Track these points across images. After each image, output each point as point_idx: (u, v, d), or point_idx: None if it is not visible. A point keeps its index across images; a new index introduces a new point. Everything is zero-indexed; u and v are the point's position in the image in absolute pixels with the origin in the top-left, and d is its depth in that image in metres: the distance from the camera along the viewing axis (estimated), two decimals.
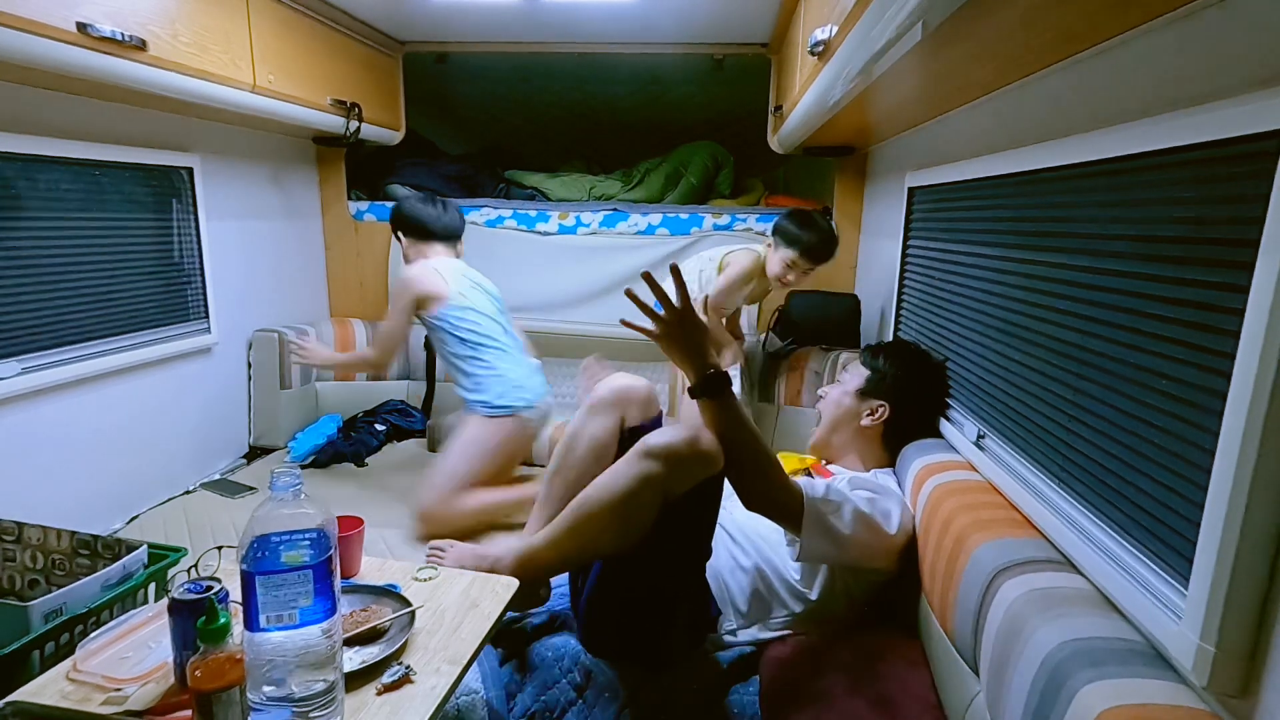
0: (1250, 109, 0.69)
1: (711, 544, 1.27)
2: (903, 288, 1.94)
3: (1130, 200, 0.92)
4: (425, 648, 1.04)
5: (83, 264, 1.80)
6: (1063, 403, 1.07)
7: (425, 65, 2.82)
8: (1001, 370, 1.30)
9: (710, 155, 3.02)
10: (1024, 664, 0.84)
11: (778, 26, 2.27)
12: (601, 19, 2.31)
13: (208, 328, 2.22)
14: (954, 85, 1.37)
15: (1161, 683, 0.74)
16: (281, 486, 0.84)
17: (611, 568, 1.24)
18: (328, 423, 2.51)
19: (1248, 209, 0.69)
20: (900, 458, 1.53)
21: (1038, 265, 1.16)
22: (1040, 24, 0.94)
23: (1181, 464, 0.79)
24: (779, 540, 1.37)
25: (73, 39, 1.34)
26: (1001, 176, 1.31)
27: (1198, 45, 0.81)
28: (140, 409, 1.99)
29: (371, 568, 1.28)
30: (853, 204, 2.61)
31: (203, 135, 2.16)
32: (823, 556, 1.28)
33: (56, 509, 1.73)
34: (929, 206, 1.75)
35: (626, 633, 1.26)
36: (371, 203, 2.86)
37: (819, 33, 1.31)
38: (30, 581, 1.33)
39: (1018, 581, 0.95)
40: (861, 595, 1.35)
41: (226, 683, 0.80)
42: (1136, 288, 0.89)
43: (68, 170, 1.74)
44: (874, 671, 1.21)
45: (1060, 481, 1.07)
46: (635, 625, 1.25)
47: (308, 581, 0.83)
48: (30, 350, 1.67)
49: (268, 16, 1.90)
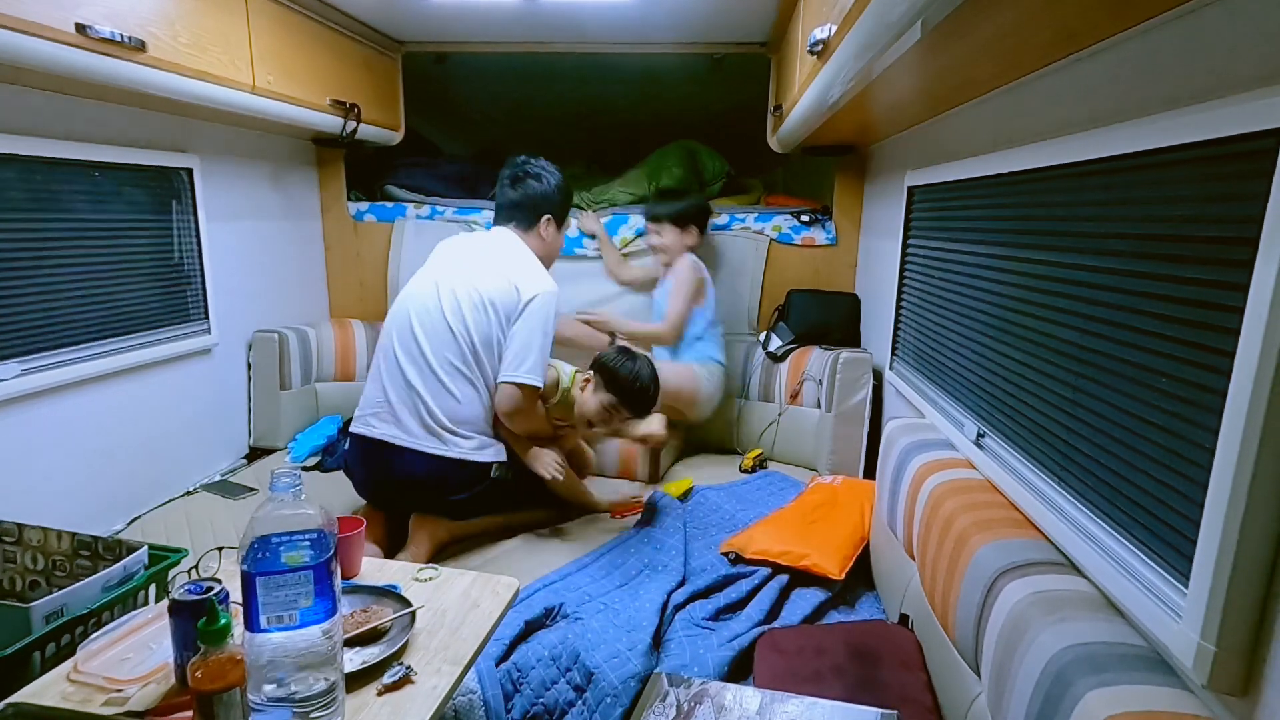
0: (1249, 108, 0.69)
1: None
2: (902, 287, 1.94)
3: (1129, 199, 0.92)
4: (426, 648, 1.04)
5: (83, 265, 1.80)
6: (1062, 401, 1.07)
7: (425, 65, 2.82)
8: (1001, 369, 1.30)
9: (683, 151, 2.99)
10: (1027, 668, 0.84)
11: (777, 26, 2.27)
12: (601, 19, 2.31)
13: (208, 329, 2.22)
14: (953, 84, 1.37)
15: (1164, 689, 0.74)
16: (282, 487, 0.84)
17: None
18: (328, 423, 2.51)
19: (1247, 207, 0.69)
20: (899, 455, 1.53)
21: (1037, 264, 1.16)
22: (1039, 23, 0.95)
23: (1181, 462, 0.79)
24: None
25: (72, 40, 1.34)
26: (1001, 175, 1.31)
27: (1196, 44, 0.81)
28: (140, 410, 1.99)
29: (372, 568, 1.28)
30: (852, 203, 2.61)
31: (202, 136, 2.16)
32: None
33: (57, 510, 1.73)
34: (929, 205, 1.75)
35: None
36: (371, 203, 2.86)
37: (818, 32, 1.31)
38: (31, 583, 1.33)
39: (1020, 584, 0.95)
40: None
41: (227, 683, 0.80)
42: (1136, 286, 0.89)
43: (68, 172, 1.74)
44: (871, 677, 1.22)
45: (1060, 480, 1.07)
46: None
47: (308, 582, 0.83)
48: (30, 351, 1.67)
49: (267, 17, 1.90)
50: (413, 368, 1.77)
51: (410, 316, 1.80)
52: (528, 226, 1.95)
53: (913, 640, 1.30)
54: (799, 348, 2.44)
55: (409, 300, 1.84)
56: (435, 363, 1.76)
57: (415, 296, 1.84)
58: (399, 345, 1.80)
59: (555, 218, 1.97)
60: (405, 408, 1.75)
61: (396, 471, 1.74)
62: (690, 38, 2.52)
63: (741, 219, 2.68)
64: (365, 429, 1.78)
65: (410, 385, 1.76)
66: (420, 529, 1.78)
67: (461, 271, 1.83)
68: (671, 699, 1.14)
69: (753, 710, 1.10)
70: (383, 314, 2.85)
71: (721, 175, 3.03)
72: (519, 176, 1.96)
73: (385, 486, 1.81)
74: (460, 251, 1.91)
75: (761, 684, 1.24)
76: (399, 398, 1.76)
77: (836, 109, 1.60)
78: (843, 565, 1.61)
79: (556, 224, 1.98)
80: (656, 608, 1.47)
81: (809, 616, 1.51)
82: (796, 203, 2.78)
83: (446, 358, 1.76)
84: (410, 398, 1.75)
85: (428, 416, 1.74)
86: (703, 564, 1.69)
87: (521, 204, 1.94)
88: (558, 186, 1.97)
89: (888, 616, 1.52)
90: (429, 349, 1.76)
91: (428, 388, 1.75)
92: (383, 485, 1.81)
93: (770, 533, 1.73)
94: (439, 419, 1.74)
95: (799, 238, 2.65)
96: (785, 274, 2.65)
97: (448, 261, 1.89)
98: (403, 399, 1.76)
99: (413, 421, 1.75)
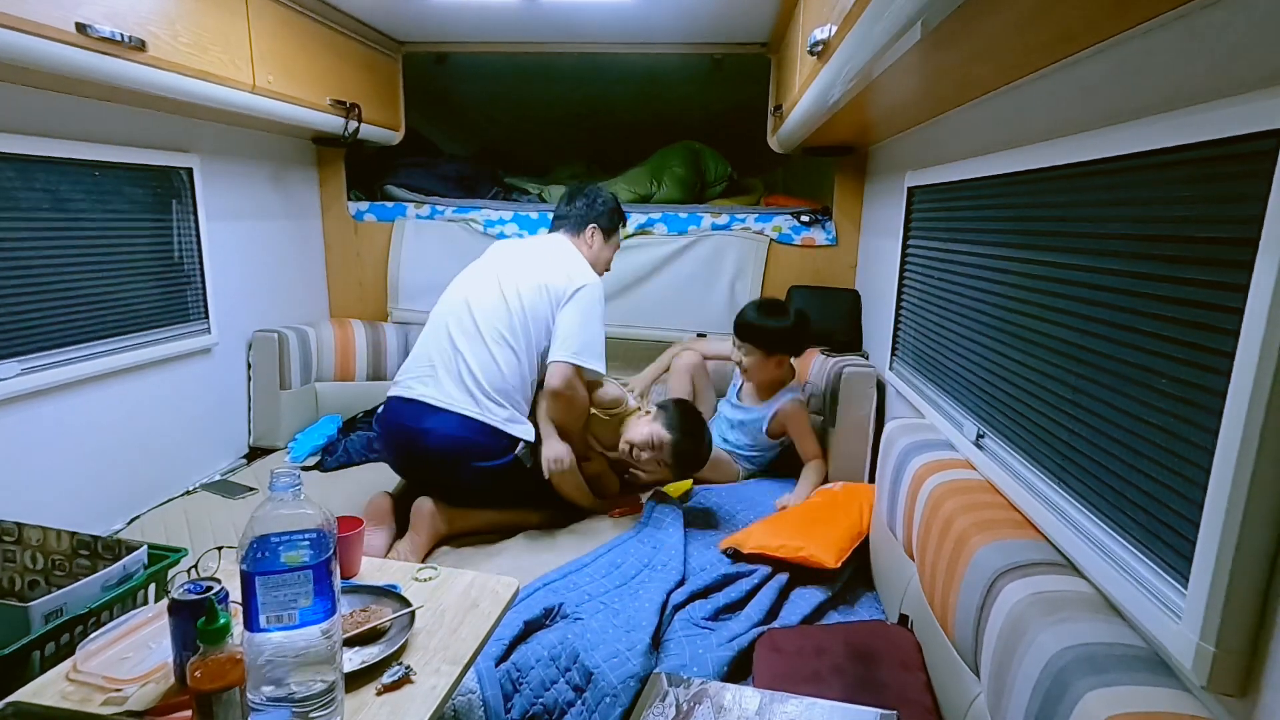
0: (1250, 108, 0.69)
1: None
2: (902, 287, 1.94)
3: (1129, 199, 0.92)
4: (425, 648, 1.04)
5: (83, 265, 1.80)
6: (1062, 402, 1.07)
7: (425, 65, 2.82)
8: (1001, 369, 1.30)
9: (687, 151, 3.00)
10: (1026, 668, 0.84)
11: (777, 26, 2.27)
12: (601, 19, 2.31)
13: (208, 328, 2.22)
14: (953, 85, 1.37)
15: (1164, 690, 0.74)
16: (281, 487, 0.84)
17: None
18: (328, 423, 2.51)
19: (1247, 208, 0.69)
20: (899, 455, 1.53)
21: (1037, 265, 1.16)
22: (1039, 23, 0.94)
23: (1181, 463, 0.79)
24: None
25: (72, 39, 1.34)
26: (1001, 176, 1.31)
27: (1196, 45, 0.81)
28: (140, 409, 1.99)
29: (371, 568, 1.28)
30: (852, 203, 2.61)
31: (202, 136, 2.16)
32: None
33: (56, 510, 1.73)
34: (929, 206, 1.75)
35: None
36: (371, 203, 2.86)
37: (818, 32, 1.31)
38: (30, 582, 1.33)
39: (1019, 584, 0.95)
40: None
41: (227, 683, 0.80)
42: (1136, 287, 0.89)
43: (68, 171, 1.74)
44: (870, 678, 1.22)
45: (1059, 480, 1.07)
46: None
47: (307, 582, 0.83)
48: (30, 350, 1.67)
49: (267, 17, 1.90)
50: (462, 335, 1.87)
51: (469, 295, 1.91)
52: (576, 233, 2.09)
53: (912, 640, 1.30)
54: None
55: (467, 285, 1.95)
56: (485, 331, 1.86)
57: (472, 281, 1.96)
58: (451, 318, 1.90)
59: (601, 228, 2.09)
60: (446, 371, 1.84)
61: (427, 432, 1.79)
62: (690, 38, 2.52)
63: (741, 219, 2.68)
64: (405, 390, 1.85)
65: (457, 349, 1.85)
66: (419, 519, 1.79)
67: (519, 262, 1.96)
68: (671, 699, 1.14)
69: (752, 710, 1.10)
70: (383, 314, 2.88)
71: (724, 178, 3.04)
72: (574, 193, 2.14)
73: (413, 448, 1.85)
74: (516, 248, 2.06)
75: (761, 684, 1.24)
76: (443, 361, 1.85)
77: (836, 109, 1.60)
78: (838, 555, 1.61)
79: (603, 236, 2.10)
80: (656, 607, 1.47)
81: (808, 617, 1.51)
82: (796, 203, 2.78)
83: (497, 328, 1.86)
84: (455, 360, 1.84)
85: (468, 377, 1.82)
86: (702, 563, 1.68)
87: (569, 215, 2.11)
88: (605, 202, 2.12)
89: (887, 617, 1.52)
90: (481, 319, 1.87)
91: (474, 352, 1.84)
92: (412, 446, 1.85)
93: (769, 530, 1.73)
94: (479, 381, 1.82)
95: (799, 238, 2.65)
96: (785, 274, 2.65)
97: (504, 256, 2.01)
98: (446, 362, 1.85)
99: (451, 383, 1.82)
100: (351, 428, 2.53)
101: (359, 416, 2.61)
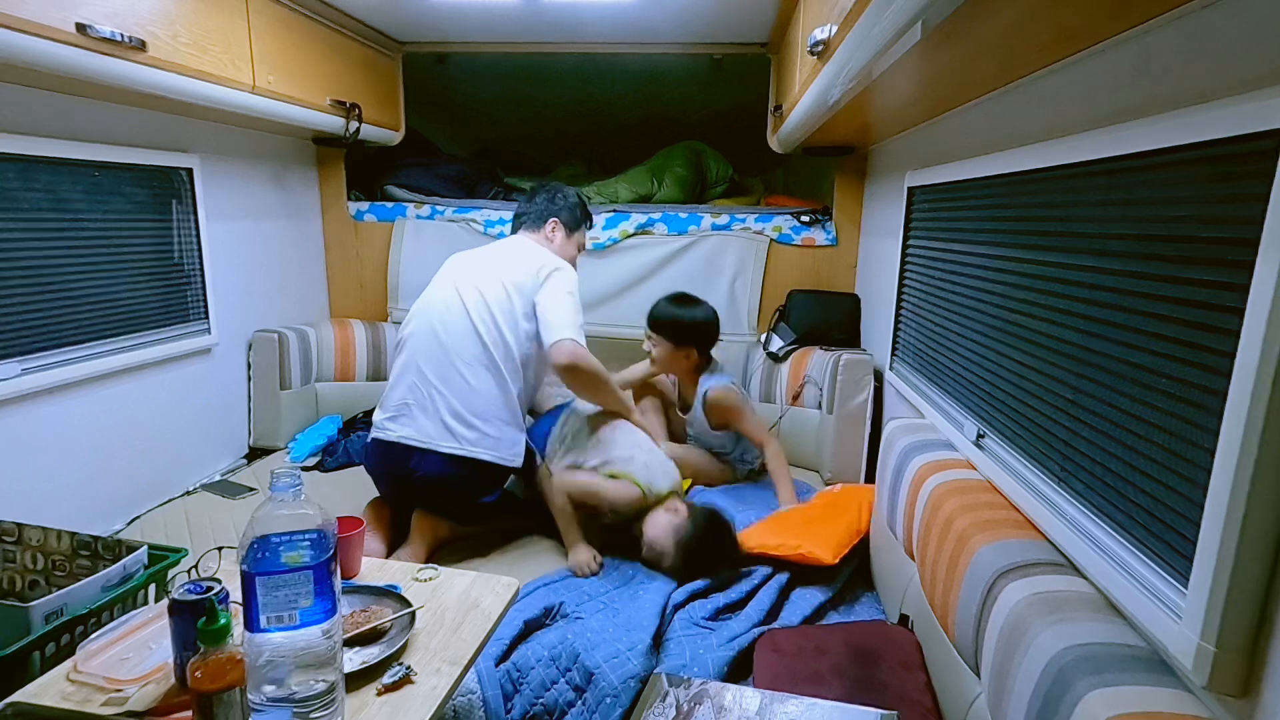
0: (1250, 109, 0.69)
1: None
2: (903, 287, 1.94)
3: (1129, 200, 0.92)
4: (425, 648, 1.04)
5: (83, 265, 1.80)
6: (1062, 402, 1.07)
7: (425, 65, 2.82)
8: (1001, 369, 1.30)
9: (690, 151, 3.00)
10: (1027, 668, 0.84)
11: (777, 26, 2.27)
12: (601, 19, 2.31)
13: (208, 328, 2.22)
14: (953, 85, 1.37)
15: (1164, 690, 0.74)
16: (281, 487, 0.84)
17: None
18: (328, 423, 2.51)
19: (1247, 208, 0.69)
20: (899, 455, 1.53)
21: (1037, 265, 1.16)
22: (1039, 24, 0.94)
23: (1181, 463, 0.79)
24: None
25: (72, 40, 1.34)
26: (1001, 176, 1.31)
27: (1196, 45, 0.81)
28: (140, 410, 1.99)
29: (372, 568, 1.28)
30: (853, 203, 2.61)
31: (202, 136, 2.16)
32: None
33: (56, 510, 1.74)
34: (929, 206, 1.75)
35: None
36: (371, 203, 2.86)
37: (818, 32, 1.31)
38: (30, 583, 1.33)
39: (1020, 584, 0.95)
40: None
41: (227, 683, 0.80)
42: (1136, 287, 0.89)
43: (68, 171, 1.74)
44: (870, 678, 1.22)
45: (1060, 481, 1.07)
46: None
47: (308, 582, 0.83)
48: (30, 351, 1.67)
49: (267, 17, 1.90)
50: (432, 367, 1.79)
51: (432, 320, 1.83)
52: (536, 229, 2.04)
53: (913, 641, 1.30)
54: (800, 348, 2.43)
55: (429, 308, 1.86)
56: (456, 358, 1.78)
57: (435, 302, 1.87)
58: (420, 349, 1.82)
59: (562, 223, 2.04)
60: (421, 408, 1.77)
61: (416, 473, 1.75)
62: (690, 38, 2.52)
63: (741, 219, 2.68)
64: (383, 434, 1.80)
65: (429, 382, 1.78)
66: (422, 525, 1.78)
67: (480, 270, 1.88)
68: (671, 699, 1.14)
69: (752, 710, 1.10)
70: (383, 314, 2.88)
71: (726, 179, 3.04)
72: (535, 190, 2.09)
73: (406, 489, 1.82)
74: (475, 256, 1.96)
75: (761, 684, 1.24)
76: (417, 398, 1.78)
77: (837, 109, 1.60)
78: (836, 552, 1.61)
79: (565, 231, 2.04)
80: (656, 608, 1.47)
81: (809, 617, 1.51)
82: (796, 203, 2.78)
83: (468, 349, 1.78)
84: (430, 396, 1.77)
85: (445, 410, 1.76)
86: None
87: (529, 212, 2.06)
88: (565, 198, 2.06)
89: (888, 617, 1.52)
90: (451, 347, 1.79)
91: (447, 382, 1.77)
92: (404, 487, 1.82)
93: (768, 529, 1.73)
94: (458, 411, 1.76)
95: (799, 238, 2.65)
96: (785, 274, 2.65)
97: (464, 266, 1.93)
98: (420, 399, 1.78)
99: (427, 421, 1.76)
100: (351, 428, 2.53)
101: (359, 417, 2.61)
